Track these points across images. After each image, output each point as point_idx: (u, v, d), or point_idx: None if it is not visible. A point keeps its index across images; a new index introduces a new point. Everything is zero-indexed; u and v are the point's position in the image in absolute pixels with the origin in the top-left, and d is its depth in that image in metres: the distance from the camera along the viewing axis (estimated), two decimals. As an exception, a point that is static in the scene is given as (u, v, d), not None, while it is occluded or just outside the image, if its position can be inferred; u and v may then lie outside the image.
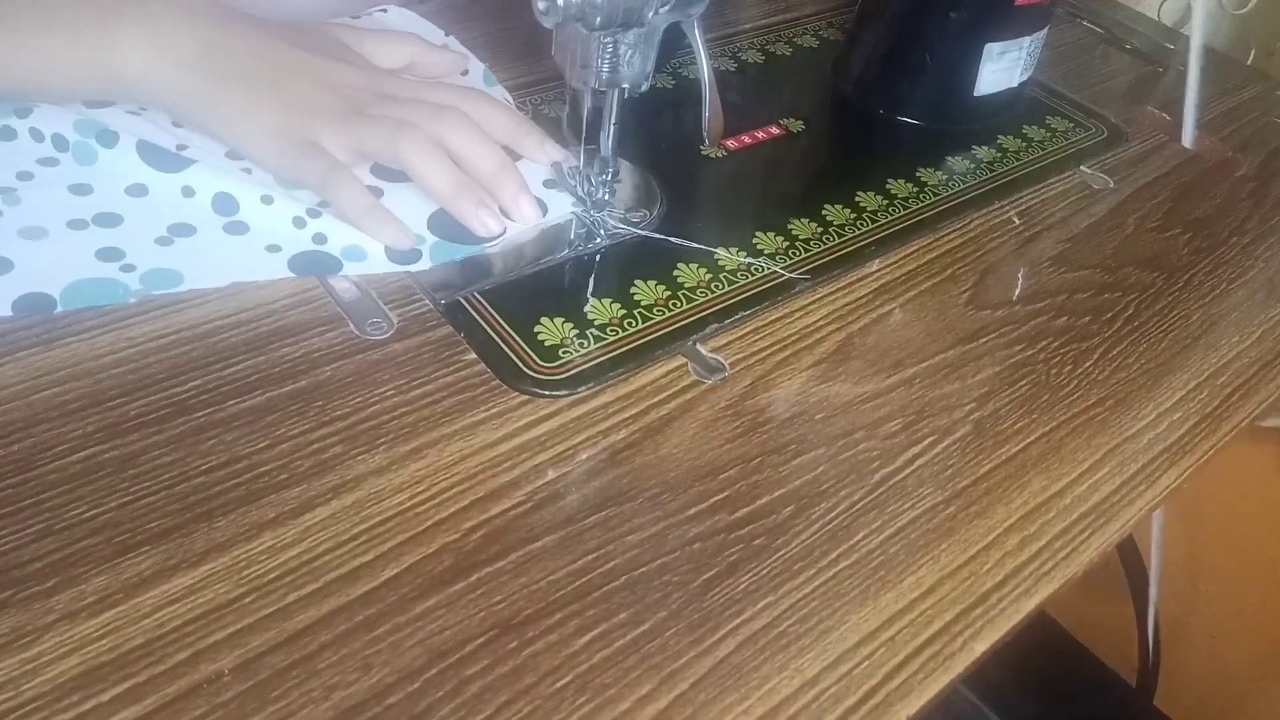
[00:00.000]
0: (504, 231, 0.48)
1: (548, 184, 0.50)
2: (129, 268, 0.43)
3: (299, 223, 0.46)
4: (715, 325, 0.46)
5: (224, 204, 0.46)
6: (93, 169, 0.46)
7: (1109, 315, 0.52)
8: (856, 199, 0.56)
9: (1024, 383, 0.47)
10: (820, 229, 0.53)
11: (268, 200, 0.46)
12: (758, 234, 0.52)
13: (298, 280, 0.45)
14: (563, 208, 0.50)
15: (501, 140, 0.50)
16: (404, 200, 0.48)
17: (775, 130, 0.61)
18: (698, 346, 0.45)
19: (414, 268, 0.46)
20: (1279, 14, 0.90)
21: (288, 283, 0.44)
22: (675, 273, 0.48)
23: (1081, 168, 0.63)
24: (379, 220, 0.46)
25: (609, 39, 0.44)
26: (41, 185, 0.45)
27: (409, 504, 0.36)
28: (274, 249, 0.45)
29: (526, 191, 0.49)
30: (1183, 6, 0.91)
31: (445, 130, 0.48)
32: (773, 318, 0.48)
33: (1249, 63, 0.89)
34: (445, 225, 0.48)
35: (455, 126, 0.48)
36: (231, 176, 0.46)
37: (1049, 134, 0.65)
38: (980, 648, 0.35)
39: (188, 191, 0.46)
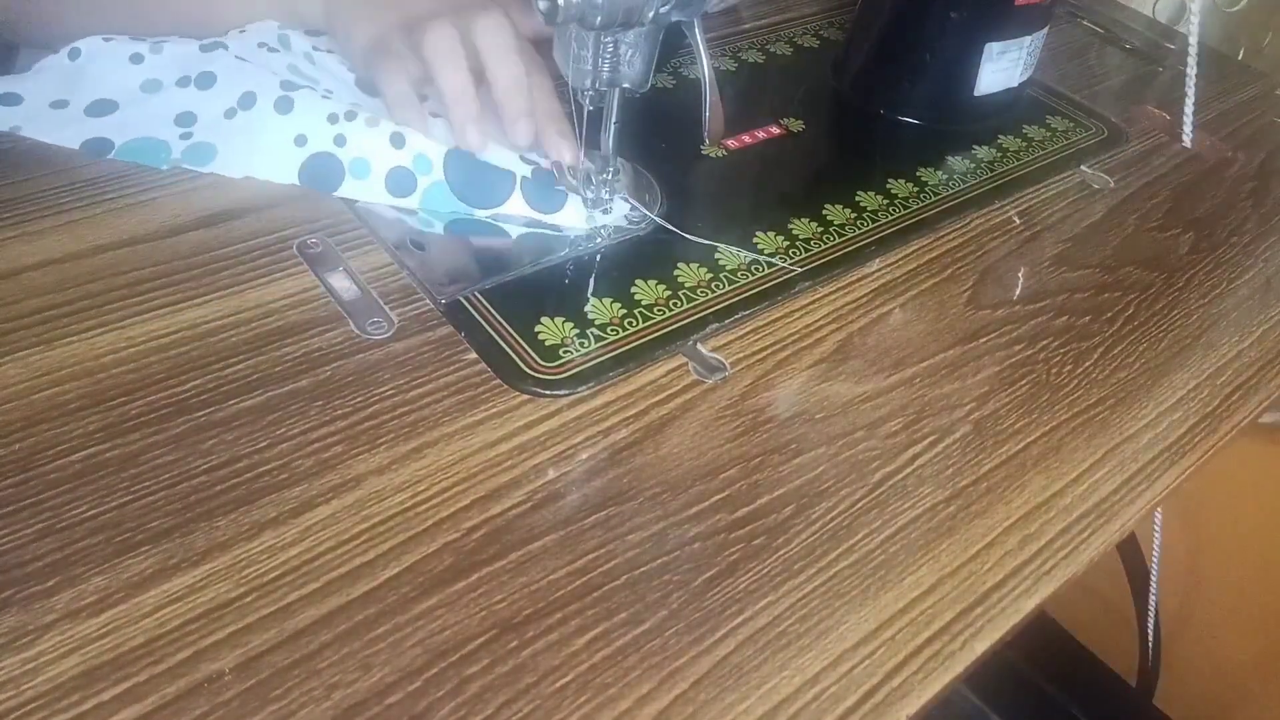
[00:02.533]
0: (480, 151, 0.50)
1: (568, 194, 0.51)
2: (188, 135, 0.49)
3: (333, 119, 0.49)
4: (715, 325, 0.46)
5: (290, 80, 0.50)
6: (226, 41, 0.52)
7: (1109, 315, 0.52)
8: (857, 198, 0.56)
9: (1024, 382, 0.47)
10: (820, 228, 0.53)
11: (327, 94, 0.50)
12: (758, 233, 0.52)
13: (298, 279, 0.45)
14: (578, 219, 0.50)
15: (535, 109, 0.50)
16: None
17: (775, 130, 0.61)
18: (698, 346, 0.45)
19: (405, 201, 0.48)
20: (1266, 12, 0.90)
21: (288, 282, 0.44)
22: (676, 272, 0.48)
23: (1081, 167, 0.63)
24: (409, 113, 0.49)
25: (609, 39, 0.44)
26: (177, 41, 0.52)
27: (409, 503, 0.36)
28: (300, 141, 0.49)
29: (529, 116, 0.49)
30: (1176, 4, 0.91)
31: (481, 30, 0.48)
32: (773, 317, 0.48)
33: (1238, 59, 0.89)
34: (457, 165, 0.49)
35: (492, 32, 0.48)
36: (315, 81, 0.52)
37: (1049, 134, 0.65)
38: (981, 647, 0.35)
39: (274, 51, 0.52)
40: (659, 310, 0.46)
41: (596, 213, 0.50)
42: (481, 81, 0.48)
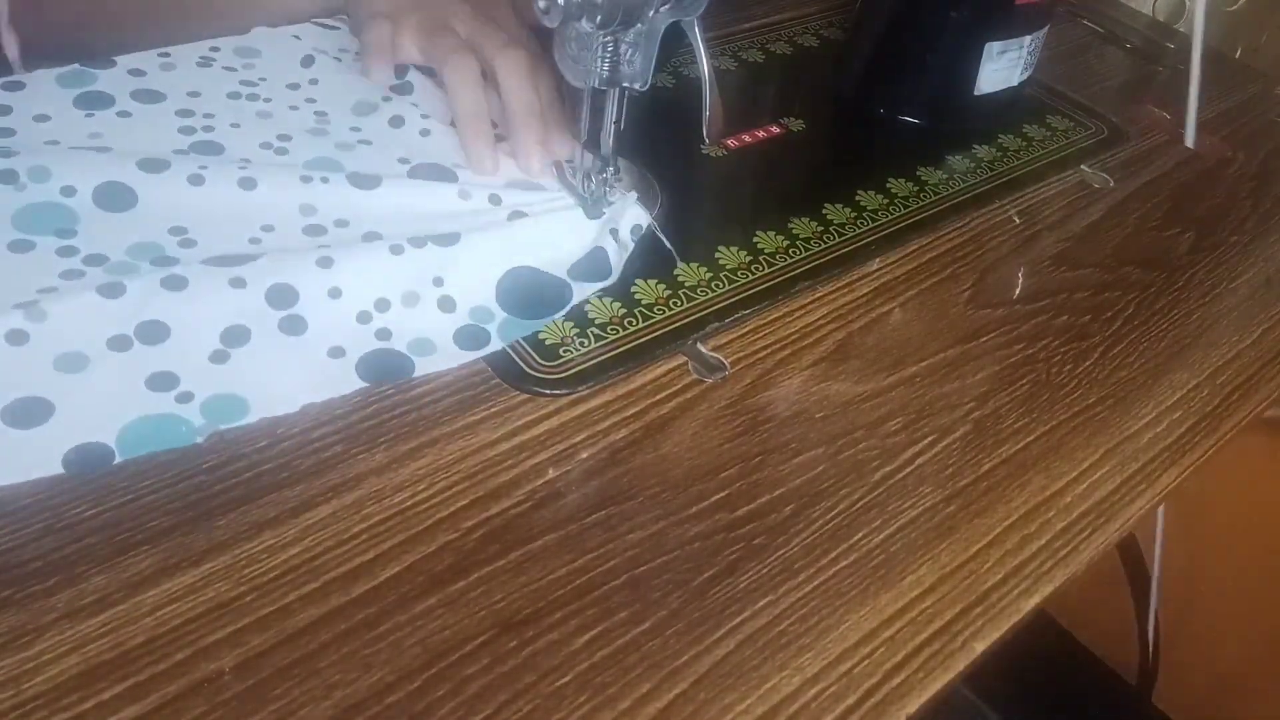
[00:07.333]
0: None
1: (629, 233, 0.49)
2: (186, 396, 0.38)
3: (364, 318, 0.42)
4: (715, 324, 0.46)
5: (280, 296, 0.41)
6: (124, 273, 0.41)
7: (1109, 314, 0.52)
8: (857, 198, 0.56)
9: (1024, 382, 0.47)
10: (820, 228, 0.53)
11: (335, 294, 0.42)
12: (758, 233, 0.51)
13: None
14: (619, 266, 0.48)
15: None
16: (470, 273, 0.45)
17: (775, 129, 0.61)
18: (698, 345, 0.45)
19: (484, 351, 0.43)
20: (1264, 11, 0.89)
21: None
22: (676, 271, 0.48)
23: (1082, 167, 0.63)
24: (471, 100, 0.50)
25: (609, 38, 0.44)
26: (65, 293, 0.39)
27: (409, 503, 0.36)
28: (337, 352, 0.41)
29: (543, 146, 0.50)
30: (1177, 3, 0.91)
31: (501, 61, 0.50)
32: (773, 317, 0.48)
33: (1236, 58, 0.89)
34: (513, 297, 0.45)
35: (512, 62, 0.50)
36: (291, 263, 0.42)
37: (1049, 133, 0.65)
38: (980, 646, 0.35)
39: (237, 283, 0.41)
40: (659, 309, 0.46)
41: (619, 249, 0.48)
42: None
